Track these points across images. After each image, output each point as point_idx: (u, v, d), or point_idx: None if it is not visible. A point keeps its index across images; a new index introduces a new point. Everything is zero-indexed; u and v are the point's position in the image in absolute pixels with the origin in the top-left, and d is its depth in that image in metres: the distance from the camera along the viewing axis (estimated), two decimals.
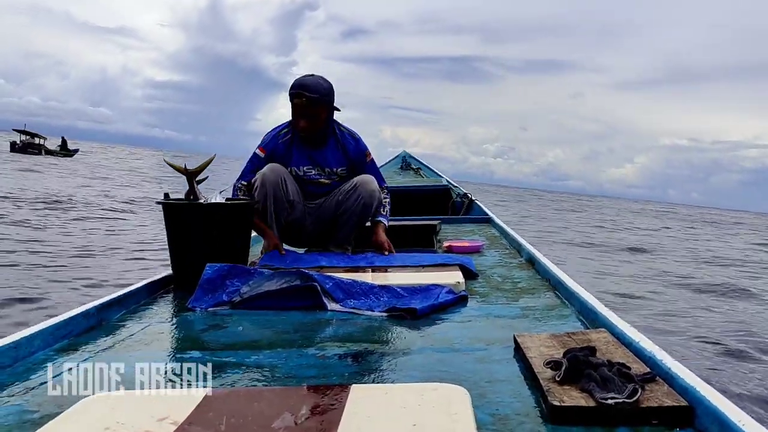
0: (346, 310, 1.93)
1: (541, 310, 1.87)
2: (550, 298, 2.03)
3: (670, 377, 1.12)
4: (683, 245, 16.14)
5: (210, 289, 2.05)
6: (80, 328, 1.69)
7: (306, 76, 2.89)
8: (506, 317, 1.81)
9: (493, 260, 2.89)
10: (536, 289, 2.20)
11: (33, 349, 1.48)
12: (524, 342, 1.40)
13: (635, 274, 8.98)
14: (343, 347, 1.53)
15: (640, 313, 5.87)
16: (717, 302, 7.00)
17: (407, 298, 2.00)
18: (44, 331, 1.53)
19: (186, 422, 0.96)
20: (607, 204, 44.15)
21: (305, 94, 2.80)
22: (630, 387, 1.03)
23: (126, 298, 1.99)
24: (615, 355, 1.25)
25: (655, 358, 1.21)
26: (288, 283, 2.00)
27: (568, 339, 1.40)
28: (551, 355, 1.27)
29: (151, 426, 0.95)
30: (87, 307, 1.76)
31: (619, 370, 1.11)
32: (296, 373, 1.33)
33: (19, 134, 41.84)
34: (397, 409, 0.98)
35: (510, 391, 1.19)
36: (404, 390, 1.09)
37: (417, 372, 1.31)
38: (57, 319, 1.61)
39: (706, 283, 8.55)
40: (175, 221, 2.36)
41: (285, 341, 1.62)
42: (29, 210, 11.06)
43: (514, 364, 1.36)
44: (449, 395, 1.02)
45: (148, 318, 1.90)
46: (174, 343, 1.70)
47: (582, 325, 1.69)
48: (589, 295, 1.80)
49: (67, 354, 1.49)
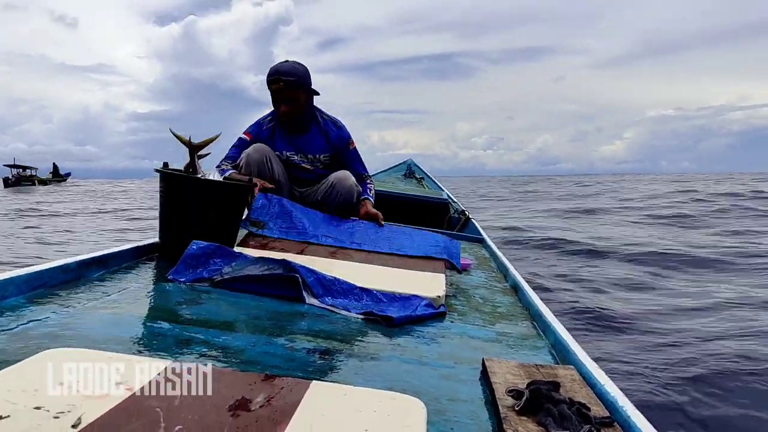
0: (323, 306, 1.93)
1: (515, 338, 1.87)
2: (527, 327, 2.03)
3: (628, 425, 1.12)
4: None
5: (192, 264, 2.05)
6: (56, 280, 1.69)
7: (281, 63, 2.94)
8: (480, 339, 1.81)
9: (478, 281, 2.90)
10: (515, 316, 2.20)
11: (5, 294, 1.48)
12: (491, 366, 1.40)
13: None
14: (312, 342, 1.53)
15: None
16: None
17: (386, 304, 2.00)
18: (19, 278, 1.53)
19: (141, 389, 0.96)
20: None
21: (282, 78, 2.86)
22: (586, 428, 1.03)
23: (109, 259, 1.99)
24: (578, 395, 1.25)
25: (616, 404, 1.21)
26: (270, 270, 2.00)
27: (535, 371, 1.40)
28: (515, 384, 1.27)
29: (108, 388, 0.95)
30: (66, 261, 1.75)
31: (579, 410, 1.11)
32: (261, 360, 1.33)
33: (10, 169, 42.54)
34: (352, 412, 0.98)
35: (468, 412, 1.19)
36: (363, 394, 1.09)
37: (380, 379, 1.31)
38: (34, 269, 1.61)
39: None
40: (171, 192, 2.36)
41: (256, 327, 1.62)
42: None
43: (477, 386, 1.36)
44: (406, 406, 1.02)
45: (127, 282, 1.90)
46: (147, 311, 1.70)
47: (552, 359, 1.69)
48: (564, 330, 1.80)
49: (39, 304, 1.49)
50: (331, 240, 2.68)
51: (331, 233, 2.77)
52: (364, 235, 2.82)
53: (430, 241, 2.81)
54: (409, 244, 2.76)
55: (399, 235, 2.88)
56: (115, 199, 25.02)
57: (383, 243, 2.76)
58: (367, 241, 2.77)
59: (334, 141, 3.07)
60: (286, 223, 2.72)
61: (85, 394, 0.92)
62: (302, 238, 2.65)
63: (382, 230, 2.90)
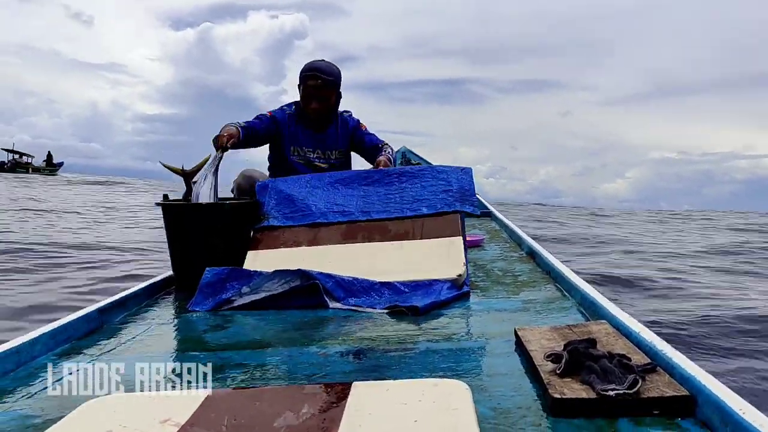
0: (347, 307, 1.93)
1: (541, 303, 1.87)
2: (551, 290, 2.03)
3: (671, 367, 1.12)
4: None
5: (210, 293, 2.05)
6: (81, 331, 1.69)
7: (316, 60, 2.93)
8: (507, 311, 1.81)
9: (493, 254, 2.89)
10: (537, 282, 2.20)
11: (35, 353, 1.49)
12: (525, 335, 1.40)
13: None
14: (344, 345, 1.53)
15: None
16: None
17: (408, 294, 2.00)
18: (45, 335, 1.53)
19: (188, 423, 0.96)
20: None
21: (321, 75, 2.86)
22: (630, 378, 1.03)
23: (127, 301, 2.00)
24: (615, 347, 1.25)
25: (655, 349, 1.21)
26: (288, 284, 1.99)
27: (568, 331, 1.40)
28: (552, 348, 1.27)
29: (153, 428, 0.95)
30: (88, 311, 1.76)
31: (620, 361, 1.11)
32: (298, 371, 1.33)
33: (7, 153, 42.54)
34: (398, 406, 0.98)
35: (511, 384, 1.19)
36: (405, 386, 1.09)
37: (418, 368, 1.32)
38: (58, 323, 1.61)
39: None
40: (175, 222, 2.36)
41: (286, 340, 1.62)
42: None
43: (515, 357, 1.36)
44: (450, 390, 1.02)
45: (150, 320, 1.91)
46: (175, 344, 1.70)
47: (583, 317, 1.68)
48: (590, 287, 1.80)
49: (69, 357, 1.50)
50: (339, 216, 2.57)
51: (337, 203, 2.64)
52: (373, 198, 2.67)
53: (441, 183, 2.65)
54: (419, 196, 2.61)
55: (408, 185, 2.70)
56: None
57: (393, 205, 2.61)
58: (377, 204, 2.63)
59: (349, 130, 3.09)
60: (288, 208, 2.63)
61: None
62: (310, 221, 2.56)
63: (390, 186, 2.72)
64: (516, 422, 1.00)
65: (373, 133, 3.17)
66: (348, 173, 2.85)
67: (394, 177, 2.72)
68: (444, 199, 2.57)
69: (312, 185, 2.73)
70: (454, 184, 2.62)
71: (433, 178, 2.68)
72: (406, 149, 7.72)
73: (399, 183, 2.69)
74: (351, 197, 2.66)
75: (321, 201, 2.64)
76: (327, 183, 2.74)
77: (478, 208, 2.60)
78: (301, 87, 2.92)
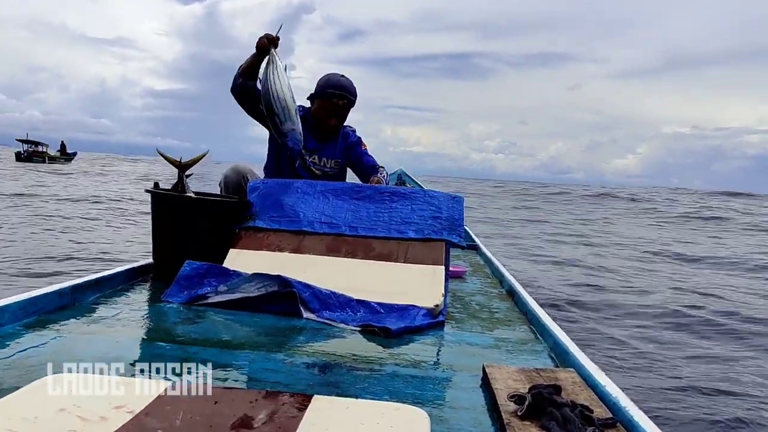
0: (321, 320, 1.92)
1: (514, 343, 1.87)
2: (525, 332, 2.04)
3: (632, 425, 1.12)
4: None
5: (186, 286, 2.04)
6: (52, 306, 1.68)
7: (339, 76, 2.96)
8: (478, 346, 1.81)
9: (473, 287, 2.90)
10: (512, 321, 2.20)
11: (2, 321, 1.47)
12: (492, 373, 1.40)
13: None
14: (311, 356, 1.52)
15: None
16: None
17: (383, 315, 1.99)
18: (14, 304, 1.52)
19: (142, 413, 0.95)
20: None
21: (348, 96, 2.90)
22: (589, 430, 1.03)
23: (102, 282, 1.98)
24: (580, 397, 1.26)
25: (618, 404, 1.21)
26: (266, 288, 1.99)
27: (536, 375, 1.41)
28: (517, 389, 1.27)
29: (107, 412, 0.94)
30: (61, 286, 1.74)
31: (582, 412, 1.11)
32: (261, 376, 1.33)
33: (22, 143, 42.62)
34: (356, 425, 0.97)
35: (472, 420, 1.19)
36: (366, 407, 1.08)
37: (382, 390, 1.31)
38: (29, 294, 1.60)
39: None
40: (162, 211, 2.35)
41: (254, 343, 1.61)
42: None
43: (479, 393, 1.36)
44: (410, 417, 1.02)
45: (122, 304, 1.89)
46: (143, 332, 1.69)
47: (552, 362, 1.69)
48: (563, 333, 1.80)
49: (35, 330, 1.48)
50: (326, 227, 2.57)
51: (325, 214, 2.63)
52: (362, 213, 2.66)
53: (431, 209, 2.65)
54: (408, 219, 2.61)
55: (399, 206, 2.70)
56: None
57: (381, 224, 2.61)
58: (365, 221, 2.63)
59: (348, 145, 3.11)
60: (276, 212, 2.62)
61: (85, 419, 0.91)
62: (296, 227, 2.55)
63: (381, 204, 2.72)
64: None
65: (371, 155, 3.18)
66: (341, 185, 2.85)
67: (385, 195, 2.73)
68: (432, 225, 2.57)
69: (303, 191, 2.73)
70: (444, 212, 2.63)
71: (424, 202, 2.68)
72: (402, 171, 7.76)
73: (390, 202, 2.69)
74: (340, 209, 2.66)
75: (310, 209, 2.64)
76: (319, 191, 2.74)
77: (464, 239, 2.61)
78: (323, 102, 2.92)
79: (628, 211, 23.70)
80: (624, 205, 28.29)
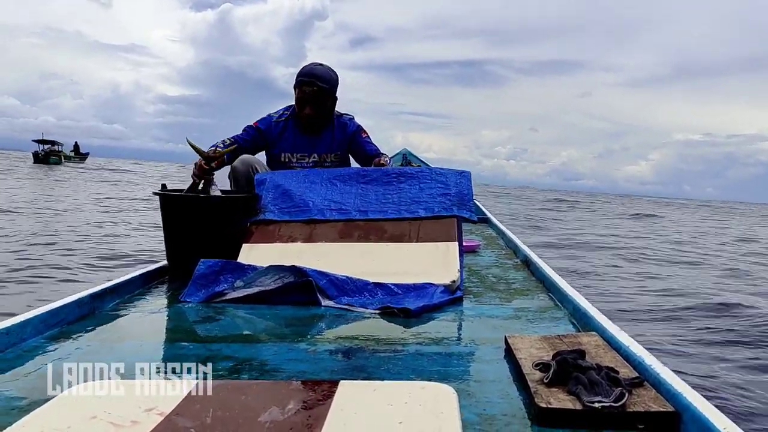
0: (340, 306, 1.93)
1: (533, 312, 1.87)
2: (544, 300, 2.04)
3: (658, 382, 1.12)
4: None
5: (203, 284, 2.05)
6: (72, 316, 1.69)
7: (314, 64, 2.91)
8: (499, 318, 1.81)
9: (489, 260, 2.90)
10: (530, 290, 2.20)
11: (24, 336, 1.48)
12: (515, 343, 1.40)
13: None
14: (334, 343, 1.53)
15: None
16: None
17: (401, 296, 2.00)
18: (36, 318, 1.53)
19: (173, 413, 0.96)
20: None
21: (317, 83, 2.84)
22: (617, 391, 1.03)
23: (120, 288, 1.99)
24: (604, 359, 1.25)
25: (644, 363, 1.21)
26: (282, 280, 1.99)
27: (558, 341, 1.41)
28: (541, 357, 1.27)
29: (138, 416, 0.95)
30: (80, 296, 1.76)
31: (608, 374, 1.11)
32: (286, 367, 1.34)
33: (38, 144, 42.94)
34: (384, 407, 0.98)
35: (498, 391, 1.19)
36: (392, 388, 1.09)
37: (407, 370, 1.32)
38: (49, 307, 1.61)
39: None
40: (171, 213, 2.36)
41: (276, 335, 1.62)
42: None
43: (503, 364, 1.36)
44: (437, 394, 1.03)
45: (141, 308, 1.90)
46: (166, 334, 1.70)
47: (574, 328, 1.69)
48: (582, 298, 1.80)
49: (59, 342, 1.49)
50: (336, 213, 2.58)
51: (334, 201, 2.65)
52: (371, 197, 2.67)
53: (440, 186, 2.65)
54: (417, 198, 2.62)
55: (407, 186, 2.70)
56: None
57: (390, 206, 2.61)
58: (374, 204, 2.63)
59: (348, 135, 3.05)
60: (286, 203, 2.63)
61: (118, 425, 0.92)
62: (306, 216, 2.56)
63: (389, 185, 2.72)
64: (501, 429, 1.00)
65: (374, 143, 3.15)
66: (347, 170, 2.85)
67: (392, 177, 2.72)
68: (442, 202, 2.57)
69: (310, 180, 2.73)
70: (453, 188, 2.62)
71: (432, 180, 2.68)
72: (407, 151, 7.73)
73: (397, 183, 2.69)
74: (349, 195, 2.66)
75: (318, 197, 2.64)
76: (325, 179, 2.75)
77: (475, 213, 2.60)
78: (295, 91, 2.90)
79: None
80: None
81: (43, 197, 15.48)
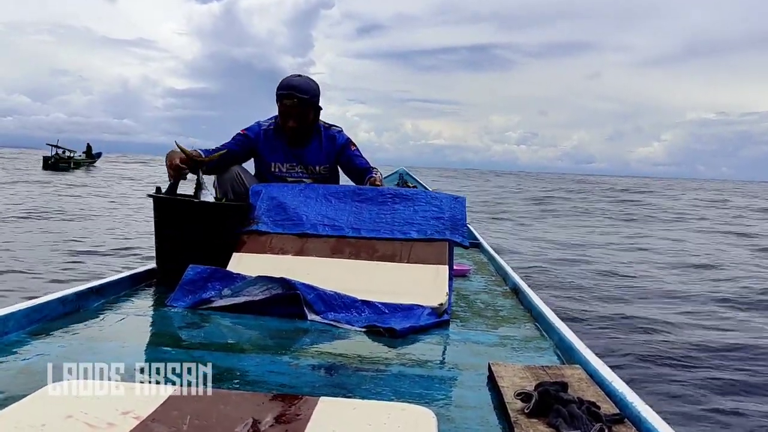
0: (326, 322, 1.92)
1: (519, 341, 1.87)
2: (530, 329, 2.03)
3: (639, 420, 1.12)
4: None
5: (190, 290, 2.04)
6: (56, 313, 1.68)
7: (293, 76, 2.91)
8: (484, 344, 1.81)
9: (478, 286, 2.90)
10: (517, 318, 2.20)
11: (7, 329, 1.47)
12: (498, 371, 1.40)
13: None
14: (317, 358, 1.52)
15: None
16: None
17: (388, 316, 1.99)
18: (19, 312, 1.52)
19: (149, 418, 0.95)
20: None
21: (296, 95, 2.82)
22: (597, 426, 1.03)
23: (106, 288, 1.98)
24: (586, 393, 1.25)
25: (625, 400, 1.21)
26: (270, 291, 1.99)
27: (542, 372, 1.40)
28: (523, 386, 1.27)
29: (114, 418, 0.94)
30: (65, 293, 1.75)
31: (588, 408, 1.11)
32: (267, 379, 1.33)
33: (51, 148, 43.24)
34: (363, 426, 0.97)
35: (478, 418, 1.18)
36: (372, 407, 1.08)
37: (388, 390, 1.31)
38: (34, 302, 1.60)
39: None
40: (164, 216, 2.35)
41: (260, 346, 1.61)
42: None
43: (485, 391, 1.36)
44: (417, 417, 1.02)
45: (126, 309, 1.89)
46: (149, 338, 1.69)
47: (558, 359, 1.68)
48: (568, 329, 1.80)
49: (40, 338, 1.48)
50: (329, 229, 2.58)
51: (328, 217, 2.64)
52: (365, 216, 2.66)
53: (434, 209, 2.66)
54: (411, 219, 2.62)
55: (401, 207, 2.70)
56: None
57: (384, 225, 2.61)
58: (368, 223, 2.63)
59: (336, 148, 3.05)
60: (279, 215, 2.63)
61: (93, 426, 0.91)
62: (299, 230, 2.56)
63: (383, 205, 2.72)
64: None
65: (363, 156, 3.14)
66: (342, 188, 2.85)
67: (387, 197, 2.73)
68: (435, 225, 2.57)
69: (305, 195, 2.73)
70: (446, 212, 2.63)
71: (427, 203, 2.69)
72: (404, 171, 7.76)
73: (392, 204, 2.69)
74: (343, 212, 2.66)
75: (312, 212, 2.64)
76: (321, 195, 2.75)
77: (467, 239, 2.61)
78: (278, 105, 2.89)
79: None
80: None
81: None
